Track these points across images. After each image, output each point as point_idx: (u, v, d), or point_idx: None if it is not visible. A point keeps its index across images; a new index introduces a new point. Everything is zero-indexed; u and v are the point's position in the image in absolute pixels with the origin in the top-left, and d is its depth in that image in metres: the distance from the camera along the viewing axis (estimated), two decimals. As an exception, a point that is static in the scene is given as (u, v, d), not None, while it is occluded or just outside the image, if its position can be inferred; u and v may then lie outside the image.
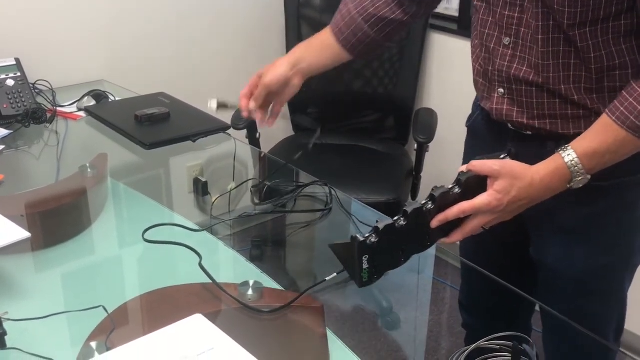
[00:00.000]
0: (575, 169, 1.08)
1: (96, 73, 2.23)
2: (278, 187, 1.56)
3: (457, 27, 2.48)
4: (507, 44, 1.18)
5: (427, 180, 2.40)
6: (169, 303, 1.11)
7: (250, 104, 1.36)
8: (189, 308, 1.03)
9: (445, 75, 2.57)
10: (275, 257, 1.52)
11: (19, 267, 1.24)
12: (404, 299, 1.44)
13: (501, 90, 1.22)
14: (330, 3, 2.40)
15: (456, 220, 1.10)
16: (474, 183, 1.10)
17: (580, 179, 1.09)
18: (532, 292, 1.58)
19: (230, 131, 1.81)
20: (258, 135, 2.24)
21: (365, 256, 1.02)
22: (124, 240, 1.41)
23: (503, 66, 1.19)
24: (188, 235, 1.31)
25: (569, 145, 1.10)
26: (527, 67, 1.17)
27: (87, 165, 1.54)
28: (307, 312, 1.09)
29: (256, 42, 2.66)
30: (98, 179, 1.54)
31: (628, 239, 1.28)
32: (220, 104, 1.48)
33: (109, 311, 1.05)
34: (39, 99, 1.92)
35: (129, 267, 1.30)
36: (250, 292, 1.10)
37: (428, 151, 2.27)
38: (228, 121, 1.85)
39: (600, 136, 1.08)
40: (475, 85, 1.33)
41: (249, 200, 1.57)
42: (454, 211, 1.08)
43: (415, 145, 2.26)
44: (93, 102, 1.94)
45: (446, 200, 1.08)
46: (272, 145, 2.50)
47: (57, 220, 1.42)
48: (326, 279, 1.10)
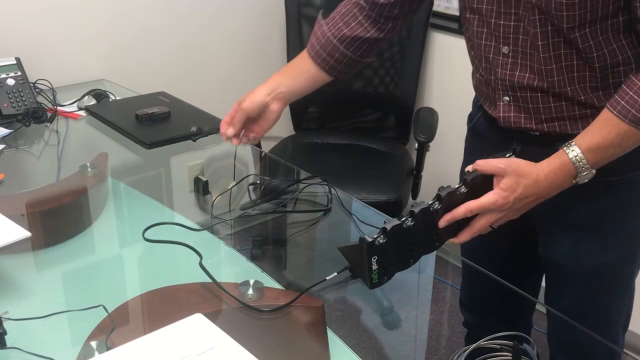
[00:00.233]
0: (579, 164, 1.09)
1: (97, 72, 2.23)
2: (278, 186, 1.56)
3: (458, 26, 2.48)
4: (507, 52, 1.18)
5: (428, 180, 2.40)
6: (169, 302, 1.11)
7: (229, 130, 1.39)
8: (189, 307, 1.03)
9: (446, 74, 2.56)
10: (275, 257, 1.52)
11: (19, 267, 1.23)
12: (404, 298, 1.44)
13: (506, 98, 1.22)
14: (330, 3, 2.40)
15: (464, 220, 1.11)
16: (480, 182, 1.10)
17: (585, 174, 1.09)
18: (534, 291, 1.58)
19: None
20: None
21: (374, 257, 1.02)
22: (124, 240, 1.41)
23: (505, 74, 1.19)
24: (188, 234, 1.31)
25: (572, 141, 1.10)
26: (530, 74, 1.16)
27: (88, 164, 1.54)
28: (308, 312, 1.09)
29: (257, 41, 2.66)
30: (98, 178, 1.53)
31: (638, 234, 1.29)
32: (198, 130, 1.60)
33: (109, 310, 1.04)
34: (40, 98, 1.92)
35: (129, 267, 1.30)
36: (250, 292, 1.10)
37: (429, 150, 2.27)
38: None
39: (603, 130, 1.09)
40: (480, 94, 1.32)
41: (249, 200, 1.57)
42: (461, 210, 1.09)
43: (416, 145, 2.26)
44: (93, 102, 1.94)
45: (453, 200, 1.08)
46: (273, 145, 2.50)
47: (58, 219, 1.42)
48: (326, 278, 1.10)
